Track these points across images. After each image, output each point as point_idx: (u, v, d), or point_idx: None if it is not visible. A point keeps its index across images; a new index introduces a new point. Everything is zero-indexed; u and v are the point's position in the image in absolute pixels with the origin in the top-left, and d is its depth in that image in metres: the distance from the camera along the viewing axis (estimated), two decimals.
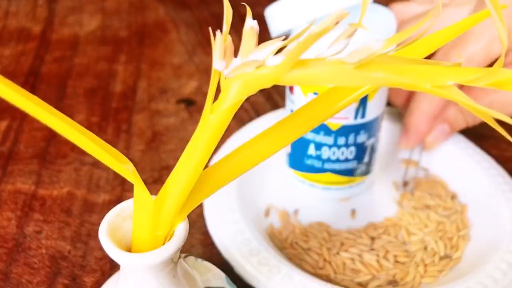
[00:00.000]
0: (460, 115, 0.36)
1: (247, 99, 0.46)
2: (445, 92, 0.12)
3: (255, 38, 0.13)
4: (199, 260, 0.24)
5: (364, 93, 0.15)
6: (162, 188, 0.16)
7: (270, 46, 0.13)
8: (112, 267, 0.30)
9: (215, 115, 0.14)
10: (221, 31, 0.13)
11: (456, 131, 0.37)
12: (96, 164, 0.38)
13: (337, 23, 0.12)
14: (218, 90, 0.14)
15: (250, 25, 0.13)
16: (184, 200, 0.16)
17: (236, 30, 0.16)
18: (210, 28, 0.14)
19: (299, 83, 0.13)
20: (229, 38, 0.13)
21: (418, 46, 0.14)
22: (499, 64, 0.12)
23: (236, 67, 0.13)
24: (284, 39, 0.13)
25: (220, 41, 0.13)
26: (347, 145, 0.32)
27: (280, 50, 0.13)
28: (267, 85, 0.13)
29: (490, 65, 0.31)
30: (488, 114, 0.12)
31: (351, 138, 0.31)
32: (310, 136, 0.32)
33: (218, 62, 0.13)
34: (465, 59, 0.32)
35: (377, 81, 0.12)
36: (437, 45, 0.14)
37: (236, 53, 0.13)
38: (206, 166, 0.16)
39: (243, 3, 0.14)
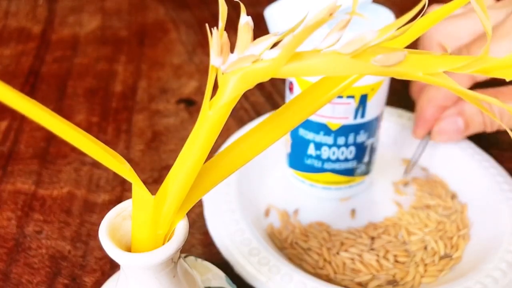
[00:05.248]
0: (479, 116, 0.33)
1: (247, 99, 0.46)
2: (436, 79, 0.12)
3: (250, 34, 0.13)
4: (199, 260, 0.24)
5: (354, 81, 0.16)
6: (162, 185, 0.16)
7: (266, 40, 0.13)
8: (112, 267, 0.30)
9: (213, 110, 0.14)
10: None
11: (471, 132, 0.35)
12: (96, 164, 0.38)
13: (330, 15, 0.12)
14: (216, 87, 0.14)
15: (245, 20, 0.13)
16: (184, 197, 0.16)
17: (236, 29, 0.16)
18: (207, 25, 0.14)
19: (296, 75, 0.13)
20: (225, 34, 0.13)
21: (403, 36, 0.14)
22: (485, 52, 0.12)
23: (233, 62, 0.13)
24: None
25: (216, 38, 0.13)
26: (347, 145, 0.32)
27: (275, 46, 0.13)
28: (264, 78, 0.13)
29: None
30: (476, 98, 0.12)
31: (350, 138, 0.31)
32: (310, 136, 0.32)
33: (215, 59, 0.13)
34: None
35: (371, 70, 0.12)
36: (421, 30, 0.14)
37: (232, 50, 0.13)
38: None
39: (239, 1, 0.14)
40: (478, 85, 0.33)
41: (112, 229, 0.17)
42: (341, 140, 0.32)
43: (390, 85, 0.33)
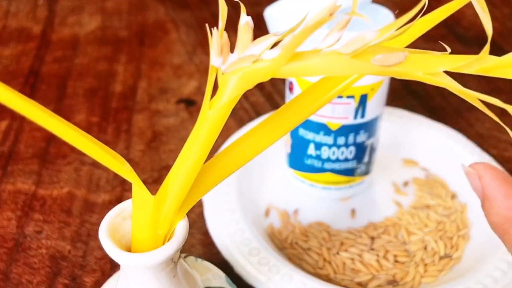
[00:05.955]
0: None
1: (247, 99, 0.46)
2: (436, 79, 0.12)
3: (250, 34, 0.13)
4: (199, 260, 0.24)
5: (354, 81, 0.16)
6: (162, 185, 0.16)
7: (266, 40, 0.13)
8: (112, 267, 0.30)
9: (213, 110, 0.14)
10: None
11: None
12: (96, 164, 0.38)
13: (330, 15, 0.12)
14: (216, 87, 0.14)
15: (245, 20, 0.13)
16: (184, 197, 0.16)
17: (236, 29, 0.16)
18: (207, 25, 0.14)
19: (296, 75, 0.13)
20: (225, 34, 0.13)
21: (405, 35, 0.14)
22: (485, 51, 0.12)
23: (233, 62, 0.13)
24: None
25: (216, 38, 0.13)
26: (347, 145, 0.32)
27: (275, 46, 0.13)
28: (264, 78, 0.13)
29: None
30: (475, 97, 0.12)
31: (350, 138, 0.31)
32: (310, 136, 0.32)
33: (215, 59, 0.13)
34: None
35: (371, 70, 0.12)
36: (421, 31, 0.14)
37: (232, 50, 0.13)
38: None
39: (239, 1, 0.14)
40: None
41: (112, 229, 0.17)
42: (341, 140, 0.32)
43: (390, 85, 0.33)
